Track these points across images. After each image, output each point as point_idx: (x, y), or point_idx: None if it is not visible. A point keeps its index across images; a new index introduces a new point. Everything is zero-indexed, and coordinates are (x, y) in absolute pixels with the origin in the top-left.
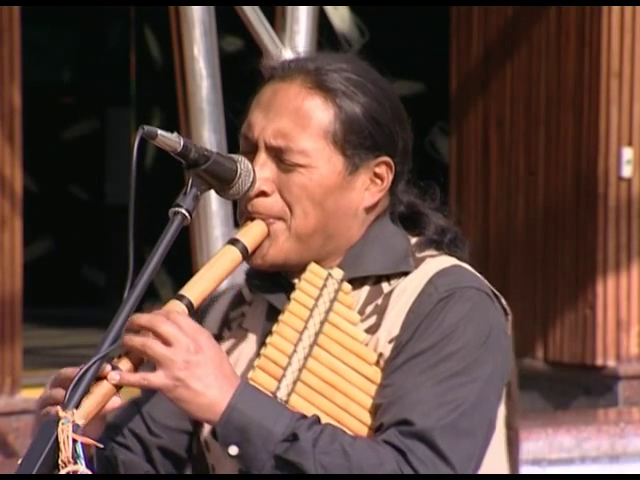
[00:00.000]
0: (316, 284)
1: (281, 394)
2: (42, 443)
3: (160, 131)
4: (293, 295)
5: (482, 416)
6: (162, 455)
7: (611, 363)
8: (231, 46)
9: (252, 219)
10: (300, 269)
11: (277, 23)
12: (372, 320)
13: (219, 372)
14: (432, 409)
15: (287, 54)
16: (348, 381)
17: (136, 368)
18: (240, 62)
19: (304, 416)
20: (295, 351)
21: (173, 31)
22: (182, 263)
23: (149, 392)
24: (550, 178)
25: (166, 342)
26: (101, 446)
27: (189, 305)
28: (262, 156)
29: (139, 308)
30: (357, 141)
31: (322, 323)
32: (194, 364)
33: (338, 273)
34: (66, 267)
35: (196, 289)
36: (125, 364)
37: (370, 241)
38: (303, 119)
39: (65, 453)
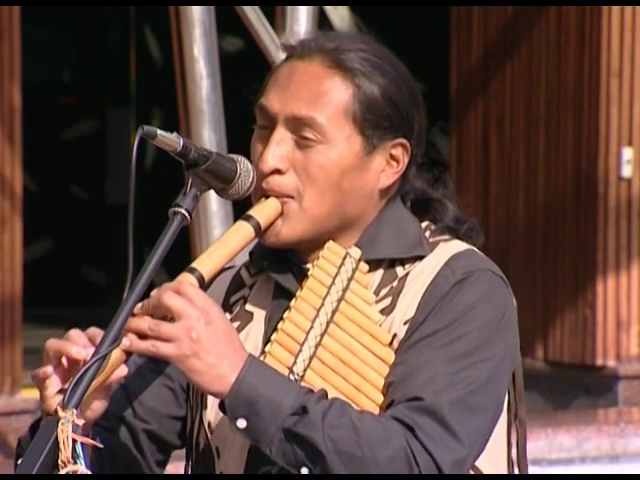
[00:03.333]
0: (334, 262)
1: (297, 369)
2: (42, 443)
3: (160, 131)
4: (311, 272)
5: (493, 395)
6: (149, 440)
7: (611, 363)
8: (231, 46)
9: (267, 196)
10: (314, 248)
11: (277, 23)
12: (387, 302)
13: (229, 344)
14: (443, 387)
15: (304, 34)
16: (362, 360)
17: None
18: (240, 62)
19: (312, 390)
20: (312, 327)
21: (173, 31)
22: (182, 263)
23: (137, 375)
24: (550, 178)
25: (176, 315)
26: (101, 446)
27: (200, 278)
28: (280, 131)
29: None
30: (375, 121)
31: (339, 301)
32: (205, 336)
33: (356, 252)
34: (66, 267)
35: (208, 263)
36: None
37: (384, 224)
38: (323, 97)
39: (65, 453)
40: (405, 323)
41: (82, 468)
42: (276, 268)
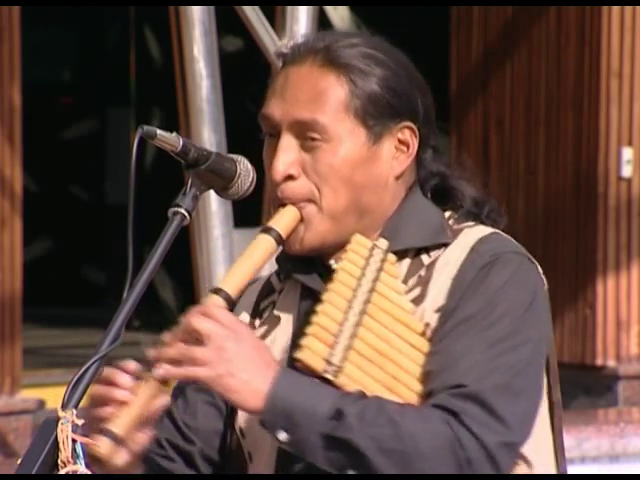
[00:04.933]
0: (362, 254)
1: (335, 360)
2: (42, 443)
3: (159, 131)
4: (340, 265)
5: (534, 377)
6: (205, 461)
7: (611, 363)
8: (231, 46)
9: (283, 205)
10: (337, 249)
11: (277, 23)
12: (416, 292)
13: (261, 360)
14: (485, 373)
15: (296, 38)
16: (397, 350)
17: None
18: (240, 62)
19: (347, 393)
20: (346, 319)
21: (173, 31)
22: (182, 263)
23: (181, 397)
24: (550, 178)
25: (205, 337)
26: (100, 445)
27: (227, 298)
28: (285, 138)
29: (138, 307)
30: (376, 111)
31: (370, 292)
32: (236, 354)
33: (383, 243)
34: (66, 267)
35: (233, 281)
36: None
37: (405, 214)
38: (320, 97)
39: (64, 453)
40: (437, 311)
41: (82, 468)
42: (301, 270)
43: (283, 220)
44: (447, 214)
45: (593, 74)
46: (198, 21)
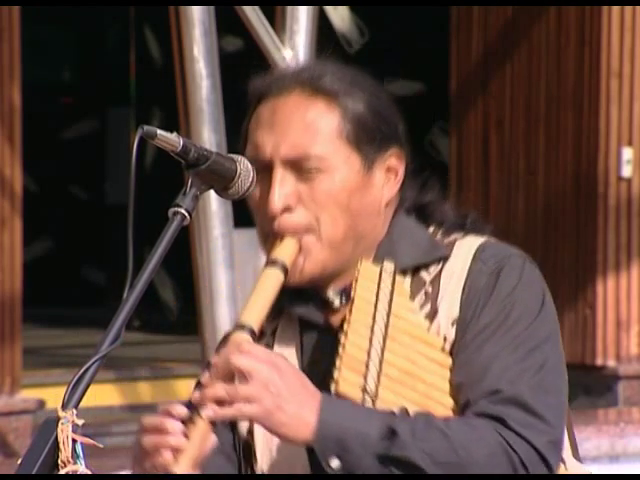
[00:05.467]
0: (373, 279)
1: (370, 388)
2: (42, 443)
3: (160, 131)
4: (354, 293)
5: (561, 371)
6: None
7: (611, 363)
8: (231, 46)
9: (281, 237)
10: (334, 277)
11: (277, 23)
12: (427, 309)
13: (304, 389)
14: (517, 375)
15: (276, 68)
16: (423, 368)
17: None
18: (240, 62)
19: (392, 412)
20: (371, 345)
21: (173, 31)
22: (182, 263)
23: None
24: (550, 178)
25: (248, 374)
26: (101, 446)
27: (252, 332)
28: (279, 172)
29: (138, 307)
30: (368, 136)
31: (388, 316)
32: (282, 387)
33: (389, 266)
34: (66, 267)
35: (253, 315)
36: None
37: (396, 237)
38: (312, 127)
39: (65, 453)
40: (453, 324)
41: (82, 468)
42: (298, 304)
43: (285, 251)
44: (431, 229)
45: (593, 74)
46: (198, 21)
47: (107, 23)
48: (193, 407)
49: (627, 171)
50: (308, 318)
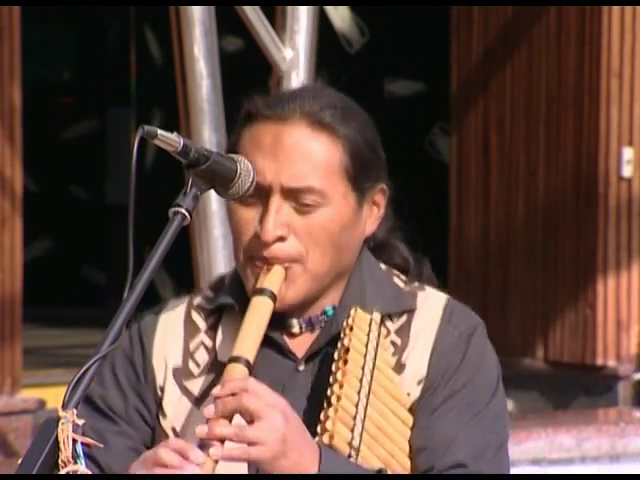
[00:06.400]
0: (364, 330)
1: (355, 443)
2: (42, 443)
3: (160, 131)
4: (350, 343)
5: (507, 444)
6: None
7: (611, 363)
8: (231, 46)
9: (269, 265)
10: (305, 307)
11: (277, 23)
12: (393, 361)
13: (305, 438)
14: (480, 451)
15: (273, 93)
16: (392, 426)
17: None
18: (240, 62)
19: (379, 470)
20: (360, 399)
21: (173, 31)
22: (182, 263)
23: (102, 443)
24: (550, 178)
25: (256, 417)
26: (101, 446)
27: (248, 364)
28: (277, 200)
29: (139, 308)
30: (365, 171)
31: (373, 369)
32: (288, 434)
33: (377, 317)
34: (66, 267)
35: (247, 346)
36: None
37: (365, 275)
38: (315, 161)
39: (65, 453)
40: (419, 383)
41: (82, 468)
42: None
43: (274, 280)
44: (383, 267)
45: (593, 74)
46: (198, 21)
47: (107, 23)
48: (200, 445)
49: (627, 171)
50: (276, 340)
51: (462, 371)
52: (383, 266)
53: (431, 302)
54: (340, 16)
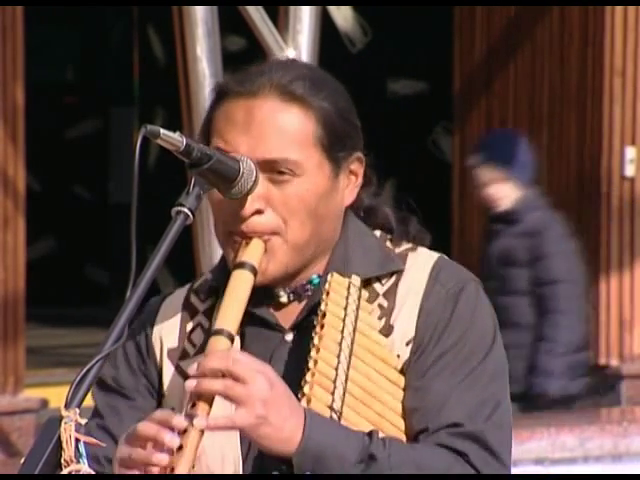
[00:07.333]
0: (342, 294)
1: (336, 406)
2: (45, 442)
3: (163, 130)
4: (325, 308)
5: (509, 403)
6: None
7: (614, 362)
8: (234, 46)
9: (248, 239)
10: (289, 277)
11: (280, 22)
12: (381, 324)
13: (290, 404)
14: (476, 409)
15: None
16: (381, 388)
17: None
18: (243, 62)
19: (369, 433)
20: (339, 362)
21: (176, 31)
22: (185, 262)
23: (115, 415)
24: (553, 177)
25: (242, 381)
26: (104, 445)
27: (230, 336)
28: None
29: (141, 307)
30: (339, 142)
31: (353, 332)
32: (271, 399)
33: (356, 280)
34: (69, 266)
35: (229, 319)
36: (203, 409)
37: (350, 242)
38: (288, 133)
39: (67, 452)
40: (407, 344)
41: (85, 467)
42: (252, 302)
43: (254, 253)
44: (378, 234)
45: (596, 73)
46: (201, 21)
47: (110, 23)
48: (185, 416)
49: (630, 170)
50: (263, 316)
51: (452, 329)
52: (378, 233)
53: (420, 262)
54: (343, 16)
